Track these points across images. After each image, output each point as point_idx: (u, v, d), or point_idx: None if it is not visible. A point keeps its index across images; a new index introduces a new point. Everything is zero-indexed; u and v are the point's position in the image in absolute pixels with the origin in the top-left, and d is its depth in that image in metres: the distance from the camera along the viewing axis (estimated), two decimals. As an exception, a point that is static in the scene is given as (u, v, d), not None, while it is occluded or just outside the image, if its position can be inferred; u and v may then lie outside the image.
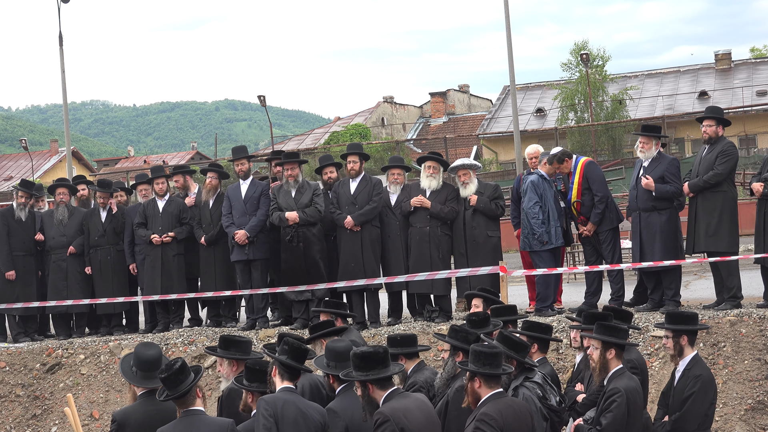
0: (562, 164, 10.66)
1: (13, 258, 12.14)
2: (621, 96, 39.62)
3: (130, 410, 6.15)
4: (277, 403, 5.79)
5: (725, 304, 9.87)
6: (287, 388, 6.00)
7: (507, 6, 24.36)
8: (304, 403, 5.99)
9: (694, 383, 6.61)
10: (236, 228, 11.11)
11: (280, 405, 5.78)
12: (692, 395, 6.59)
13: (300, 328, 10.81)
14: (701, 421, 6.59)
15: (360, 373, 5.75)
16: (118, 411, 6.26)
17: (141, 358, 6.18)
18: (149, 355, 6.19)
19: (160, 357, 6.23)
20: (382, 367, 5.74)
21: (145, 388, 6.16)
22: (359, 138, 41.14)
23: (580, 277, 14.06)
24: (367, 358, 5.75)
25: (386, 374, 5.74)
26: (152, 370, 6.13)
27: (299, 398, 6.02)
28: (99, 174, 41.02)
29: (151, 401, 6.10)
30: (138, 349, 6.27)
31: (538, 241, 10.54)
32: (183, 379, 5.67)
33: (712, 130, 10.04)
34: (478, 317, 7.10)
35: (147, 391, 6.16)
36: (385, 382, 5.76)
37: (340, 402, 6.03)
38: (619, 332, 6.47)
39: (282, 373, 6.02)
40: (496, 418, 5.53)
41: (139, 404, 6.15)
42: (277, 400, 5.84)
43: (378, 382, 5.74)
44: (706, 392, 6.61)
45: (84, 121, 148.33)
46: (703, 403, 6.60)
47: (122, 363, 6.32)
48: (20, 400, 11.61)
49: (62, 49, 26.96)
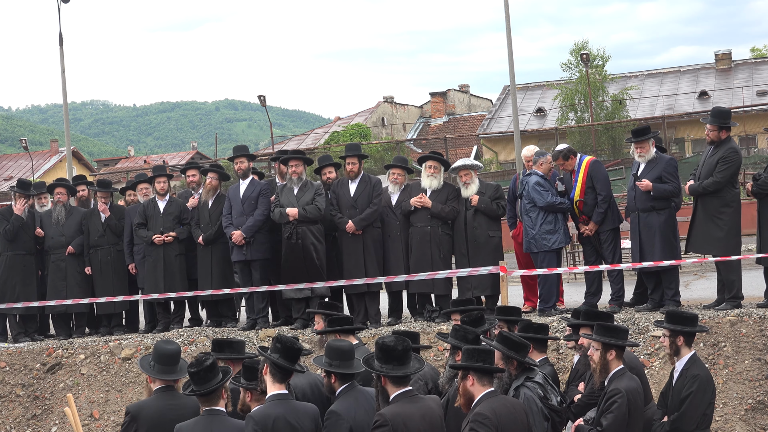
0: (566, 161, 10.65)
1: (13, 258, 12.15)
2: (621, 96, 39.61)
3: (145, 404, 6.22)
4: (267, 422, 5.59)
5: (725, 304, 9.88)
6: (278, 395, 5.77)
7: (507, 6, 24.35)
8: (296, 411, 5.75)
9: (692, 383, 6.60)
10: (234, 228, 11.11)
11: (270, 424, 5.58)
12: (690, 395, 6.58)
13: (300, 328, 10.81)
14: (700, 420, 6.59)
15: (378, 363, 5.70)
16: (133, 404, 6.36)
17: (160, 352, 6.26)
18: (168, 349, 6.29)
19: (178, 352, 6.33)
20: (398, 364, 5.67)
21: (162, 382, 6.23)
22: (359, 138, 41.13)
23: (580, 277, 14.06)
24: (387, 350, 5.69)
25: (400, 373, 5.67)
26: (170, 364, 6.24)
27: (290, 407, 5.77)
28: (99, 174, 41.04)
29: (166, 396, 6.17)
30: (158, 344, 6.38)
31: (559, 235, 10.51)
32: (212, 377, 5.74)
33: (714, 134, 10.03)
34: (471, 317, 7.11)
35: (163, 386, 6.23)
36: (400, 380, 5.70)
37: (342, 403, 5.92)
38: (618, 333, 6.47)
39: (274, 373, 5.82)
40: (490, 417, 5.49)
41: (154, 398, 6.20)
42: (267, 418, 5.62)
43: (392, 377, 5.69)
44: (704, 392, 6.61)
45: (84, 121, 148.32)
46: (701, 402, 6.59)
47: (141, 360, 6.42)
48: (20, 400, 11.61)
49: (62, 49, 26.94)
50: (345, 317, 7.62)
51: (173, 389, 6.27)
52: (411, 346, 5.85)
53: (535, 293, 11.05)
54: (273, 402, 5.75)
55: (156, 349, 6.33)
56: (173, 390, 6.26)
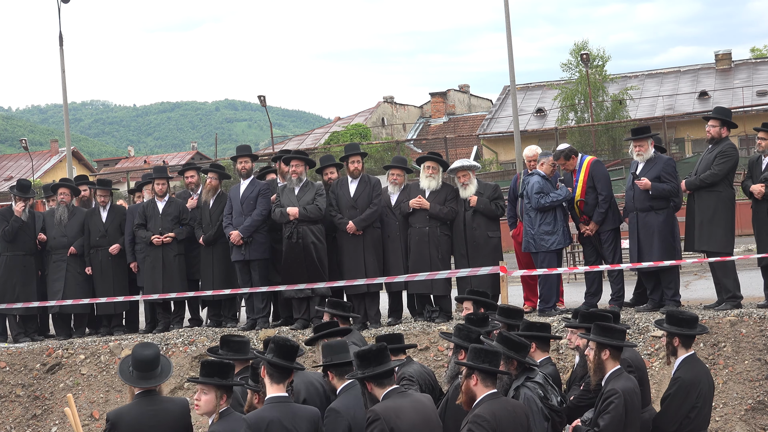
0: (568, 161, 10.65)
1: (14, 258, 12.15)
2: (621, 96, 39.61)
3: (125, 410, 6.06)
4: (260, 425, 5.56)
5: (725, 304, 9.88)
6: (276, 397, 5.75)
7: (507, 6, 24.34)
8: (293, 414, 5.71)
9: (672, 385, 6.65)
10: (232, 228, 11.12)
11: (263, 427, 5.55)
12: (668, 397, 6.63)
13: (300, 329, 10.80)
14: (683, 422, 6.55)
15: (358, 371, 5.76)
16: (113, 411, 6.14)
17: (137, 358, 6.06)
18: (145, 355, 6.07)
19: (157, 357, 6.11)
20: (377, 365, 5.72)
21: (141, 388, 6.06)
22: (359, 138, 41.12)
23: (580, 277, 14.06)
24: (363, 356, 5.76)
25: (380, 370, 5.70)
26: (149, 370, 6.04)
27: (287, 410, 5.72)
28: (99, 174, 41.03)
29: (146, 401, 6.01)
30: (135, 349, 6.16)
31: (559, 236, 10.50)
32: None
33: (716, 131, 10.04)
34: (477, 317, 7.10)
35: (143, 391, 6.06)
36: (383, 380, 5.74)
37: (343, 401, 5.96)
38: (613, 333, 6.46)
39: (271, 374, 5.78)
40: (489, 420, 5.51)
41: (134, 404, 6.04)
42: (261, 421, 5.59)
43: (374, 379, 5.72)
44: (686, 395, 6.56)
45: (84, 121, 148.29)
46: (682, 405, 6.55)
47: (121, 364, 6.23)
48: (20, 400, 11.61)
49: (62, 49, 26.96)
50: (331, 322, 7.61)
51: (155, 393, 6.08)
52: (386, 346, 5.87)
53: (535, 293, 11.05)
54: (270, 405, 5.72)
55: (134, 355, 6.11)
56: (154, 394, 6.08)
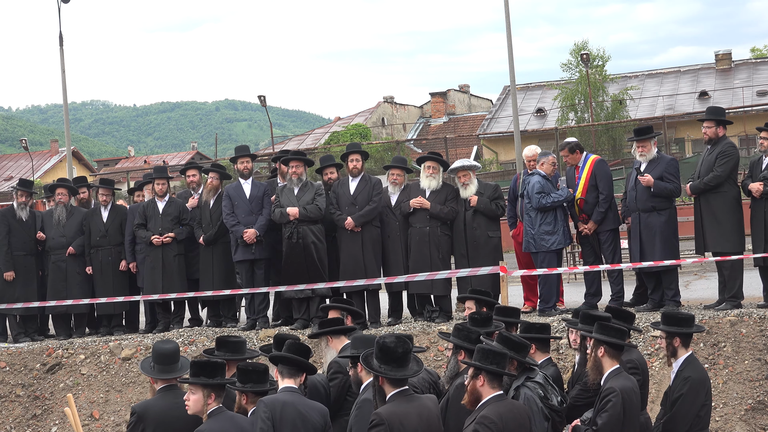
0: (572, 154, 10.66)
1: (14, 258, 12.16)
2: (621, 96, 39.60)
3: (150, 403, 6.32)
4: (276, 405, 5.78)
5: (725, 304, 9.88)
6: (288, 387, 5.99)
7: (507, 6, 24.32)
8: (306, 404, 5.96)
9: (683, 385, 6.58)
10: (243, 227, 11.11)
11: (279, 407, 5.77)
12: (680, 397, 6.56)
13: (300, 329, 10.80)
14: (693, 422, 6.55)
15: (377, 363, 5.70)
16: (138, 404, 6.44)
17: (159, 352, 6.37)
18: (166, 348, 6.39)
19: (176, 351, 6.42)
20: (396, 366, 5.67)
21: (164, 381, 6.31)
22: (359, 138, 41.09)
23: (580, 277, 14.05)
24: (387, 351, 5.67)
25: (399, 375, 5.66)
26: (169, 363, 6.33)
27: (300, 399, 5.98)
28: (99, 174, 41.02)
29: (171, 395, 6.26)
30: (156, 344, 6.48)
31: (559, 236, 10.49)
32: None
33: (712, 131, 10.05)
34: (481, 316, 7.08)
35: (166, 385, 6.32)
36: (398, 381, 5.70)
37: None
38: (612, 331, 6.43)
39: (282, 371, 6.03)
40: (496, 422, 5.49)
41: (158, 398, 6.30)
42: (276, 402, 5.82)
43: (390, 379, 5.69)
44: (696, 394, 6.55)
45: (84, 121, 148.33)
46: (693, 404, 6.54)
47: (143, 363, 6.49)
48: (20, 400, 11.61)
49: (62, 49, 26.94)
50: (336, 319, 7.62)
51: (176, 387, 6.35)
52: (411, 348, 5.84)
53: (536, 293, 11.05)
54: (284, 392, 5.96)
55: (154, 350, 6.42)
56: (176, 388, 6.34)
